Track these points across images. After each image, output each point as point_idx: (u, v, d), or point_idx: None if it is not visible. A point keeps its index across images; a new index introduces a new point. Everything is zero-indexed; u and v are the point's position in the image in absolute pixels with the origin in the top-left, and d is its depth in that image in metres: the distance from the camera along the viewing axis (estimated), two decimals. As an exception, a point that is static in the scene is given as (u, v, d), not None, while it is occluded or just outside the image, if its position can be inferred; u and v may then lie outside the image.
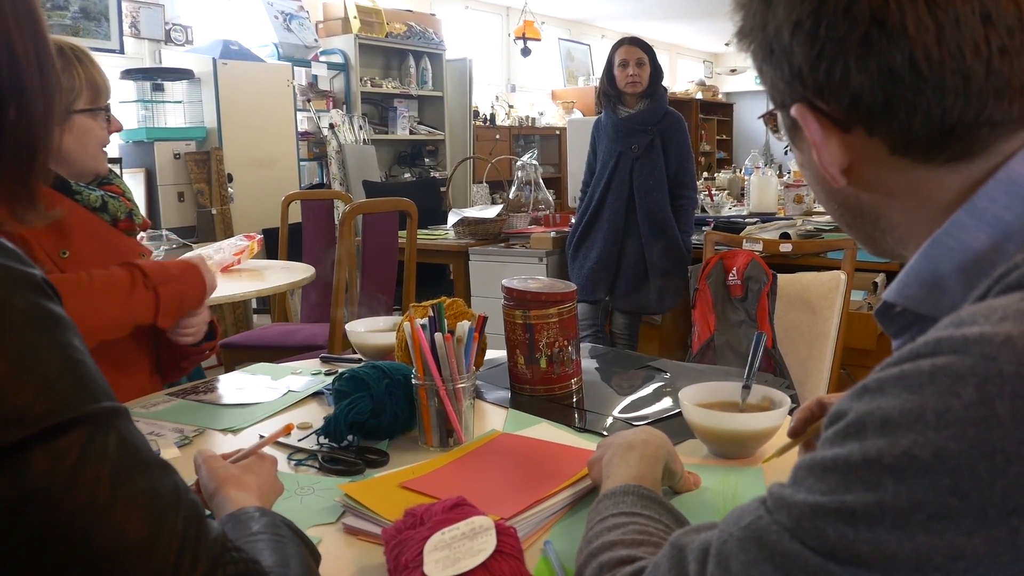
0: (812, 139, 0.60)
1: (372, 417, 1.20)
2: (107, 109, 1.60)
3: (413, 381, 1.20)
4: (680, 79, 11.54)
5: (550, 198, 4.55)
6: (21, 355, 0.55)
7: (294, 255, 3.67)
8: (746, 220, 4.02)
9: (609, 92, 3.49)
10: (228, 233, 4.56)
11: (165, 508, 0.58)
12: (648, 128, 3.39)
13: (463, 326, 1.21)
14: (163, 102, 4.72)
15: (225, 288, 2.67)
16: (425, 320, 1.21)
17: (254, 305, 4.78)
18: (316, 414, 1.37)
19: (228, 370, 3.08)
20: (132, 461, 0.58)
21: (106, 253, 1.56)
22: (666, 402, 1.39)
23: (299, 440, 1.23)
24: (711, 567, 0.54)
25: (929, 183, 0.59)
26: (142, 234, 1.77)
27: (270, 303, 4.11)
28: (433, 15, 7.00)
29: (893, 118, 0.56)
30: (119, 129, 1.65)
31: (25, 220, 0.66)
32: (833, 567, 0.48)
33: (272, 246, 3.88)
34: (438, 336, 1.18)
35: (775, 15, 0.60)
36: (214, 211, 4.71)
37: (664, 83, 3.53)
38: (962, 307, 0.51)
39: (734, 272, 2.63)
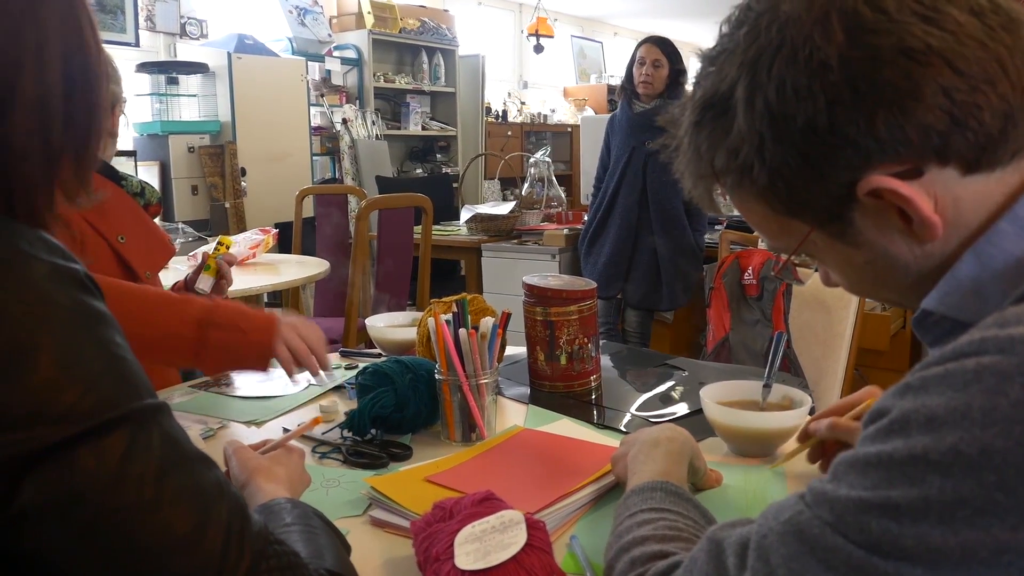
0: (907, 195, 0.57)
1: (395, 411, 1.21)
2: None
3: (436, 376, 1.21)
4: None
5: (562, 195, 4.55)
6: (66, 353, 0.55)
7: (307, 249, 3.68)
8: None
9: (627, 86, 3.50)
10: (241, 227, 4.58)
11: (209, 502, 0.58)
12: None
13: (487, 322, 1.21)
14: (177, 95, 4.73)
15: (240, 282, 2.69)
16: (449, 316, 1.22)
17: (265, 299, 4.80)
18: (338, 408, 1.38)
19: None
20: (175, 457, 0.59)
21: (149, 240, 1.62)
22: (685, 400, 1.39)
23: (323, 433, 1.24)
24: (751, 560, 0.55)
25: (990, 193, 0.59)
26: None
27: (282, 298, 4.12)
28: (446, 11, 7.00)
29: (966, 129, 0.56)
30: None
31: (77, 202, 0.66)
32: (877, 561, 0.49)
33: (285, 240, 3.89)
34: (462, 332, 1.19)
35: (796, 114, 0.58)
36: (227, 205, 4.72)
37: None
38: (1004, 308, 0.51)
39: (749, 271, 2.64)
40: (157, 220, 1.80)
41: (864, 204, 0.60)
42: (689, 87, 0.70)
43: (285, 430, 1.25)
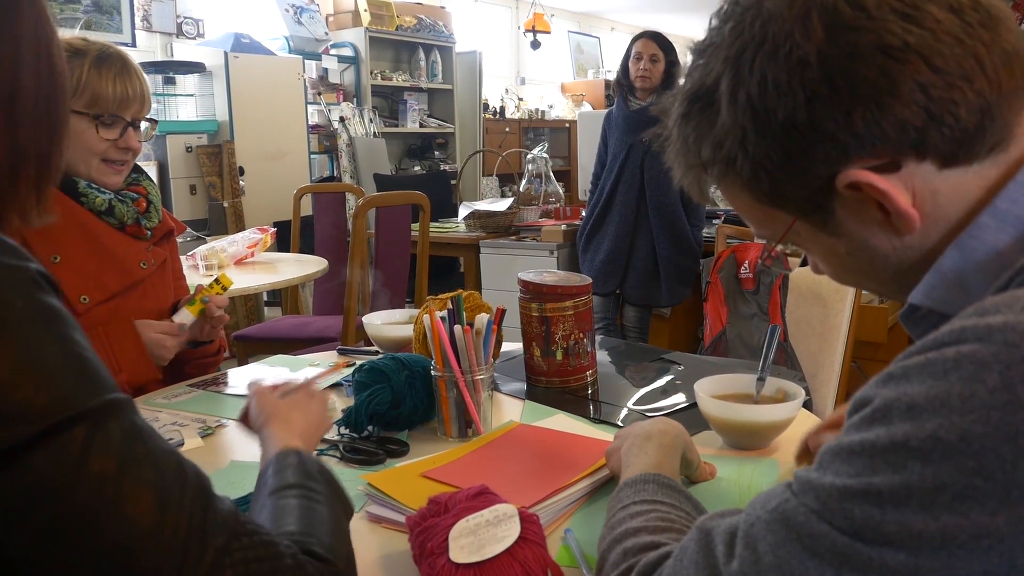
0: (883, 189, 0.59)
1: (392, 408, 1.21)
2: (109, 121, 1.48)
3: (432, 373, 1.22)
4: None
5: (560, 191, 4.55)
6: (21, 353, 0.55)
7: (306, 248, 3.69)
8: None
9: (623, 82, 3.51)
10: (240, 226, 4.58)
11: (171, 498, 0.58)
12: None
13: (482, 318, 1.22)
14: (175, 95, 4.74)
15: (239, 281, 2.70)
16: (444, 312, 1.23)
17: (265, 298, 4.81)
18: (335, 405, 1.38)
19: (241, 362, 3.11)
20: (136, 452, 0.58)
21: (101, 259, 1.51)
22: (680, 394, 1.40)
23: (320, 430, 1.25)
24: (739, 548, 0.56)
25: (968, 187, 0.60)
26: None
27: (281, 296, 4.13)
28: (443, 8, 7.00)
29: (943, 124, 0.57)
30: (134, 148, 1.53)
31: (30, 222, 0.66)
32: (860, 547, 0.50)
33: (284, 239, 3.90)
34: (457, 328, 1.20)
35: (776, 109, 0.59)
36: (226, 204, 4.73)
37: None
38: (984, 299, 0.52)
39: (746, 265, 2.64)
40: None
41: (844, 196, 0.61)
42: (681, 80, 0.71)
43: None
